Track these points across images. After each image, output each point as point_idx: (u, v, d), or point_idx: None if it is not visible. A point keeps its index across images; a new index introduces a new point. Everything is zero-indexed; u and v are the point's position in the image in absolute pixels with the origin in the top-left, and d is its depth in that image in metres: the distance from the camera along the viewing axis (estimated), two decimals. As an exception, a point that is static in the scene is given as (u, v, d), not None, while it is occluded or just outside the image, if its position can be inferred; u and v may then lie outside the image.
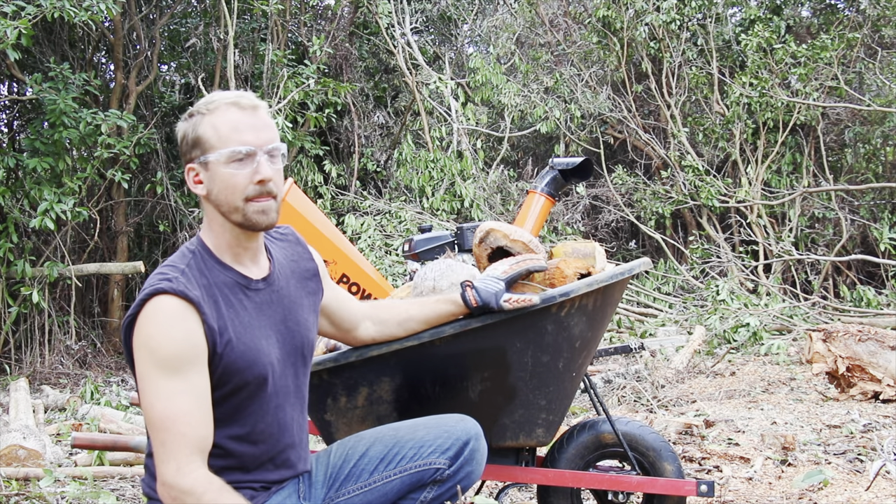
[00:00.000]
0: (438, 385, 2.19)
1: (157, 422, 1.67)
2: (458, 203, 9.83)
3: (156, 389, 1.67)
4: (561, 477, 2.35)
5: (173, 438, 1.66)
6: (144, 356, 1.68)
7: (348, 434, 2.22)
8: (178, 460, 1.65)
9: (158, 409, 1.67)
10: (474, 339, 2.14)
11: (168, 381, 1.66)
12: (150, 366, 1.67)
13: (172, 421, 1.66)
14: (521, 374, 2.20)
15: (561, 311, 2.18)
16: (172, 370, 1.66)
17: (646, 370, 5.85)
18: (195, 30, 10.27)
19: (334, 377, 2.18)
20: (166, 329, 1.67)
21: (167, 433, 1.66)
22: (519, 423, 2.24)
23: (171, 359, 1.66)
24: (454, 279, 2.35)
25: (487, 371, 2.18)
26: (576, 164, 3.59)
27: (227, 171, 1.76)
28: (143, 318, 1.69)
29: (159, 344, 1.67)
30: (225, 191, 1.77)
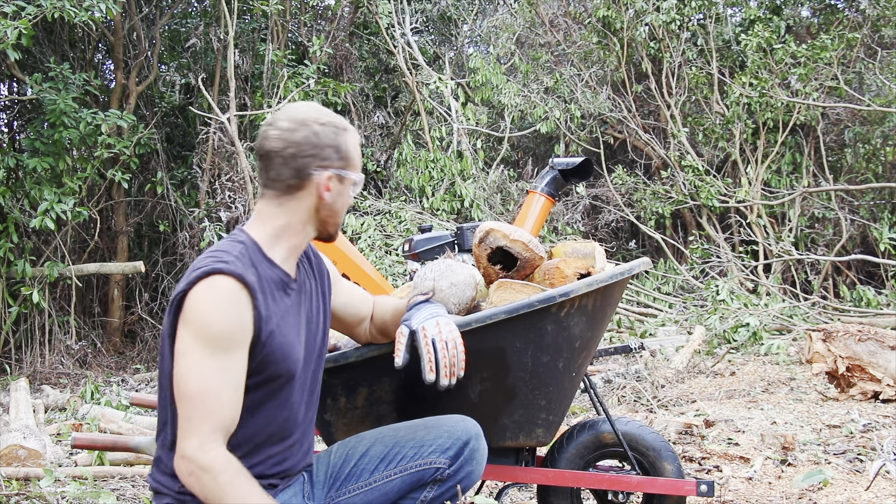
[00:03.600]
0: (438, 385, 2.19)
1: (190, 396, 1.67)
2: (458, 203, 9.83)
3: (196, 364, 1.68)
4: (561, 477, 2.35)
5: (201, 414, 1.67)
6: (192, 331, 1.69)
7: (348, 434, 2.22)
8: (202, 436, 1.66)
9: (193, 384, 1.68)
10: (473, 339, 2.14)
11: (210, 358, 1.68)
12: (197, 340, 1.68)
13: (205, 397, 1.67)
14: (521, 375, 2.20)
15: (561, 312, 2.18)
16: (218, 348, 1.68)
17: (646, 370, 5.85)
18: (195, 30, 10.27)
19: (334, 377, 2.18)
20: (221, 307, 1.69)
21: (196, 408, 1.67)
22: (519, 424, 2.24)
23: (219, 337, 1.68)
24: (454, 279, 2.35)
25: (487, 371, 2.18)
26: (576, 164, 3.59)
27: (350, 193, 1.89)
28: (198, 294, 1.70)
29: (211, 321, 1.68)
30: (341, 208, 1.89)
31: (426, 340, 1.93)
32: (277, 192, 1.83)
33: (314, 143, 1.82)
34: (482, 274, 2.52)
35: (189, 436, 1.67)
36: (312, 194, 1.83)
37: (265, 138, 1.83)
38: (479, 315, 2.15)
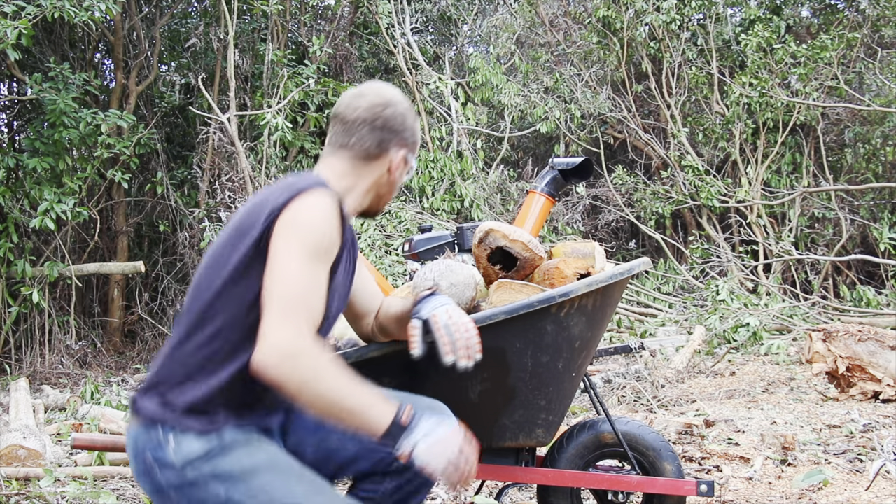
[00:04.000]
0: (438, 385, 2.19)
1: (288, 291, 1.69)
2: (458, 203, 9.83)
3: (297, 265, 1.72)
4: (561, 477, 2.35)
5: (300, 307, 1.69)
6: (295, 234, 1.73)
7: None
8: (300, 325, 1.67)
9: (293, 280, 1.70)
10: None
11: (309, 263, 1.73)
12: (299, 244, 1.73)
13: (305, 293, 1.71)
14: (521, 375, 2.19)
15: (560, 312, 2.18)
16: (315, 257, 1.74)
17: (646, 370, 5.85)
18: (195, 30, 10.27)
19: None
20: (325, 220, 1.76)
21: (295, 302, 1.69)
22: (519, 424, 2.24)
23: (318, 247, 1.75)
24: (454, 279, 2.35)
25: (487, 371, 2.18)
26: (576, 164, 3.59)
27: (405, 176, 2.03)
28: (305, 203, 1.76)
29: (315, 229, 1.75)
30: (397, 187, 2.03)
31: (438, 326, 1.94)
32: (354, 155, 1.94)
33: (400, 123, 1.96)
34: (482, 274, 2.52)
35: (285, 326, 1.67)
36: (384, 167, 1.96)
37: (354, 108, 1.94)
38: (478, 315, 2.15)
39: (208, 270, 1.84)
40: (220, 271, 1.80)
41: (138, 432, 1.78)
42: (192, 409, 1.76)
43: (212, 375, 1.77)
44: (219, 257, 1.82)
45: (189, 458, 1.73)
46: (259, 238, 1.76)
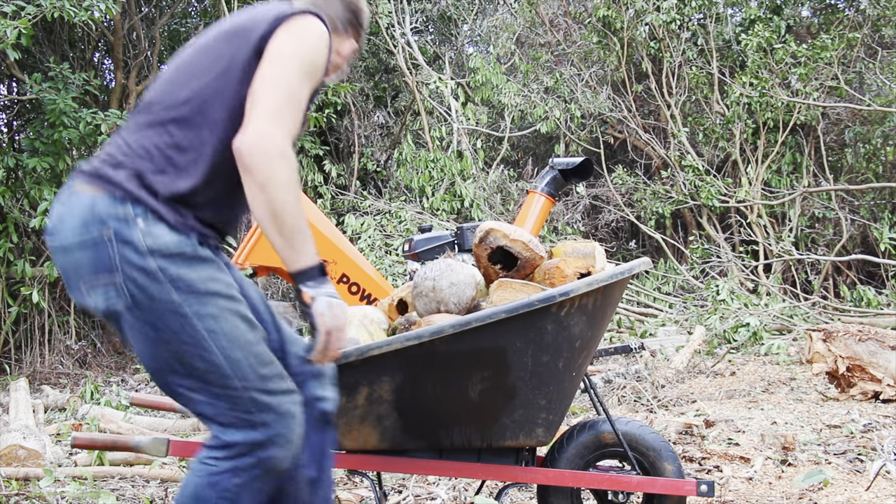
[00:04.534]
0: (438, 384, 2.19)
1: (283, 96, 1.76)
2: (458, 203, 9.83)
3: (295, 76, 1.78)
4: (561, 477, 2.35)
5: (290, 115, 1.75)
6: (298, 46, 1.81)
7: (349, 434, 2.22)
8: (286, 129, 1.73)
9: (288, 88, 1.77)
10: (474, 338, 2.14)
11: (302, 79, 1.79)
12: (298, 57, 1.80)
13: (297, 105, 1.78)
14: (521, 374, 2.20)
15: (561, 311, 2.18)
16: (308, 76, 1.81)
17: (646, 370, 5.85)
18: (195, 30, 10.27)
19: None
20: (323, 43, 1.85)
21: (287, 109, 1.75)
22: (519, 423, 2.24)
23: (313, 66, 1.83)
24: (454, 279, 2.35)
25: (487, 370, 2.18)
26: (576, 164, 3.60)
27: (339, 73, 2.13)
28: (309, 24, 1.85)
29: (314, 48, 1.83)
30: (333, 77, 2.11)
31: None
32: None
33: (363, 22, 2.12)
34: (482, 274, 2.52)
35: (277, 123, 1.72)
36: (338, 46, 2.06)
37: None
38: (479, 314, 2.15)
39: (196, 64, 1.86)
40: (213, 65, 1.83)
41: (100, 199, 1.74)
42: (172, 199, 1.76)
43: (199, 169, 1.78)
44: (211, 52, 1.85)
45: (158, 248, 1.72)
46: (260, 39, 1.81)
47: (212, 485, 1.76)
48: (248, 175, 1.69)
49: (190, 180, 1.77)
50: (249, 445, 1.76)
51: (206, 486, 1.76)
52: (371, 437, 2.23)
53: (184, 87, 1.83)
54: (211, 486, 1.76)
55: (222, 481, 1.76)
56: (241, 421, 1.76)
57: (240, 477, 1.77)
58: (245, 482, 1.77)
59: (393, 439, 2.23)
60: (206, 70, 1.83)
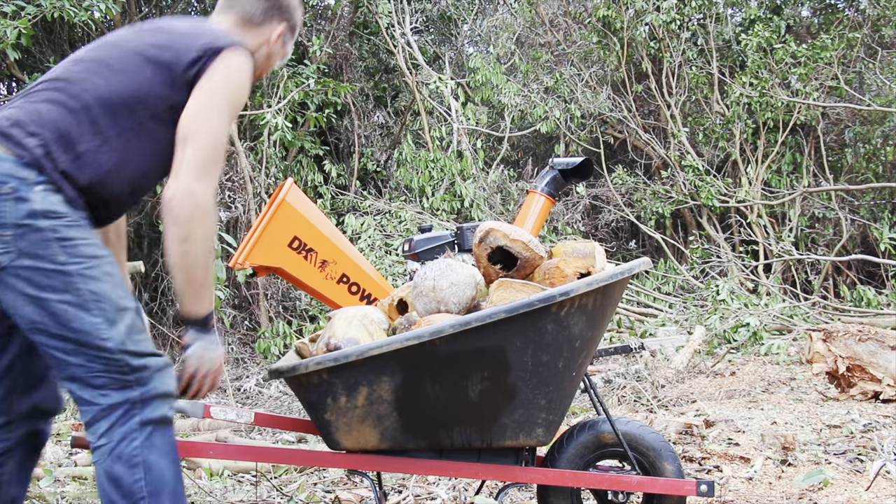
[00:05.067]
0: (438, 384, 2.19)
1: (213, 145, 1.88)
2: (458, 203, 9.83)
3: (224, 122, 1.92)
4: (561, 477, 2.35)
5: (216, 167, 1.89)
6: (227, 89, 1.93)
7: (348, 435, 2.22)
8: (213, 182, 1.88)
9: (217, 135, 1.89)
10: (474, 338, 2.14)
11: (227, 123, 1.93)
12: (228, 102, 1.93)
13: (220, 151, 1.90)
14: (521, 374, 2.20)
15: (561, 311, 2.18)
16: (231, 117, 1.95)
17: (646, 370, 5.85)
18: (195, 30, 10.26)
19: (334, 377, 2.18)
20: (243, 84, 1.97)
21: (215, 159, 1.89)
22: (519, 423, 2.24)
23: (236, 108, 1.96)
24: (454, 279, 2.35)
25: (487, 370, 2.18)
26: (576, 164, 3.59)
27: (282, 58, 2.22)
28: (238, 64, 1.96)
29: (241, 92, 1.96)
30: (272, 63, 2.19)
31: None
32: (239, 19, 2.12)
33: (285, 1, 2.17)
34: (482, 274, 2.52)
35: (206, 178, 1.86)
36: (264, 37, 2.14)
37: None
38: (479, 314, 2.15)
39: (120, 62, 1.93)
40: (136, 71, 1.91)
41: (6, 159, 1.81)
42: (71, 177, 1.84)
43: (101, 165, 1.87)
44: (136, 58, 1.92)
45: (51, 211, 1.79)
46: (186, 67, 1.90)
47: (116, 459, 1.80)
48: (173, 226, 1.83)
49: (89, 172, 1.87)
50: (129, 404, 1.81)
51: (113, 464, 1.79)
52: (371, 436, 2.23)
53: (104, 81, 1.91)
54: (116, 460, 1.80)
55: (123, 450, 1.80)
56: (115, 381, 1.81)
57: (135, 439, 1.81)
58: (143, 442, 1.81)
59: (393, 439, 2.23)
60: (130, 73, 1.91)
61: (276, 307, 8.76)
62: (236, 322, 8.71)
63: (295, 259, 3.40)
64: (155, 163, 1.96)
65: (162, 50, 1.93)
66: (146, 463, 1.80)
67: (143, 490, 1.79)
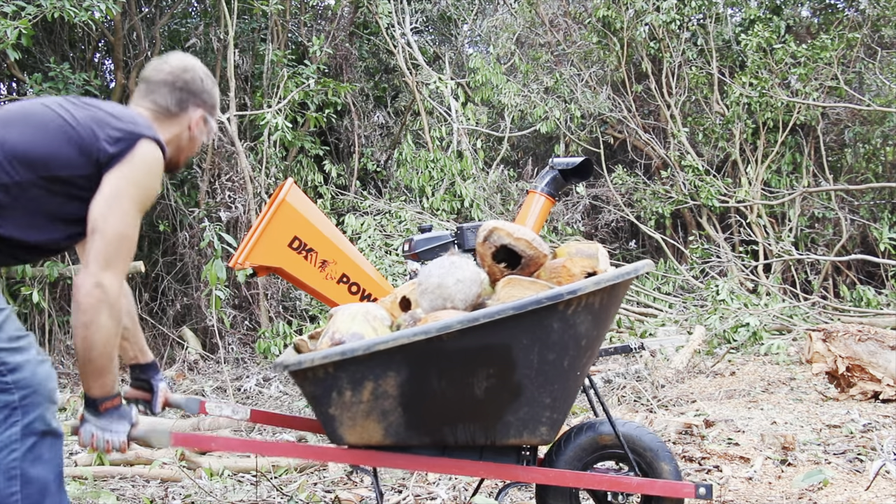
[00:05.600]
0: (444, 380, 2.19)
1: (119, 235, 1.94)
2: (458, 203, 9.83)
3: (129, 210, 1.96)
4: (562, 477, 2.35)
5: (126, 258, 1.95)
6: (134, 180, 1.97)
7: (352, 429, 2.21)
8: (120, 275, 1.94)
9: (124, 226, 1.94)
10: (481, 334, 2.14)
11: (137, 213, 1.99)
12: (138, 194, 1.98)
13: (129, 243, 1.96)
14: (527, 372, 2.20)
15: (568, 310, 2.19)
16: (142, 210, 2.00)
17: (646, 370, 5.85)
18: (195, 30, 10.26)
19: (340, 371, 2.17)
20: (155, 178, 2.03)
21: (124, 249, 1.95)
22: (523, 421, 2.24)
23: (146, 201, 2.01)
24: (460, 276, 2.36)
25: (493, 367, 2.18)
26: (576, 164, 3.60)
27: (207, 136, 2.30)
28: (148, 153, 2.00)
29: (148, 186, 2.01)
30: (196, 145, 2.27)
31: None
32: (156, 113, 2.19)
33: (199, 86, 2.24)
34: (486, 272, 2.52)
35: (113, 270, 1.92)
36: (184, 125, 2.22)
37: (158, 70, 2.24)
38: (487, 311, 2.15)
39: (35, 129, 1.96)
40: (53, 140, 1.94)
41: None
42: None
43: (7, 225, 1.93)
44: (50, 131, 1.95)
45: None
46: (98, 158, 1.95)
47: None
48: (77, 312, 1.90)
49: None
50: (9, 409, 1.85)
51: None
52: (375, 432, 2.22)
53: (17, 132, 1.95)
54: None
55: (1, 462, 1.81)
56: None
57: (15, 450, 1.83)
58: (24, 454, 1.84)
59: (397, 435, 2.23)
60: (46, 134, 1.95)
61: (276, 307, 8.76)
62: (236, 322, 8.71)
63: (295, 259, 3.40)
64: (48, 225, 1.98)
65: (82, 125, 1.98)
66: (25, 476, 1.81)
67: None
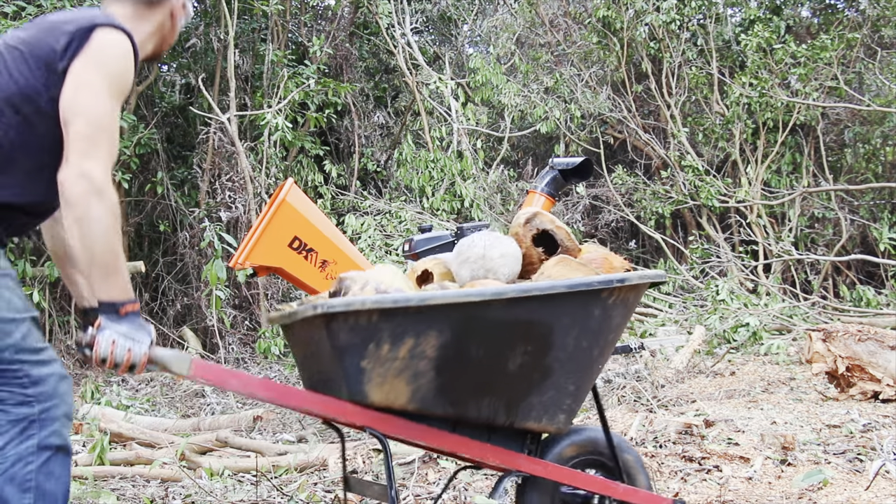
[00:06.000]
0: (483, 349, 2.16)
1: (98, 123, 1.81)
2: (458, 203, 9.83)
3: (104, 98, 1.84)
4: (560, 473, 2.35)
5: (109, 147, 1.83)
6: (103, 69, 1.85)
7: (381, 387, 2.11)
8: (107, 166, 1.82)
9: (101, 113, 1.82)
10: (529, 308, 2.15)
11: (112, 99, 1.86)
12: (106, 80, 1.85)
13: (110, 130, 1.83)
14: (561, 355, 2.22)
15: (610, 298, 2.23)
16: (117, 95, 1.87)
17: (646, 370, 5.85)
18: (195, 30, 10.27)
19: (384, 321, 2.08)
20: (128, 59, 1.90)
21: (104, 137, 1.82)
22: (546, 405, 2.25)
23: (121, 86, 1.88)
24: (504, 250, 2.38)
25: (531, 344, 2.19)
26: (576, 164, 3.60)
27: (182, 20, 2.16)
28: (110, 38, 1.88)
29: (120, 68, 1.88)
30: (175, 35, 2.16)
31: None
32: (137, 4, 2.05)
33: None
34: (524, 254, 2.52)
35: (95, 157, 1.79)
36: (166, 12, 2.10)
37: None
38: (540, 284, 2.17)
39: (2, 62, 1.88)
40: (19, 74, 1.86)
41: None
42: None
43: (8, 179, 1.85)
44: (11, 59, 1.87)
45: None
46: (60, 54, 1.84)
47: (8, 480, 1.77)
48: (68, 209, 1.78)
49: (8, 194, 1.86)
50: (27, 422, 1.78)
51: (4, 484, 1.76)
52: (402, 394, 2.14)
53: None
54: (8, 482, 1.77)
55: (16, 472, 1.76)
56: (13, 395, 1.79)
57: (31, 463, 1.78)
58: (40, 467, 1.78)
59: (423, 401, 2.15)
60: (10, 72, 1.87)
61: (276, 307, 8.77)
62: (236, 322, 8.72)
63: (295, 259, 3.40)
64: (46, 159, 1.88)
65: (35, 42, 1.89)
66: (39, 489, 1.78)
67: None
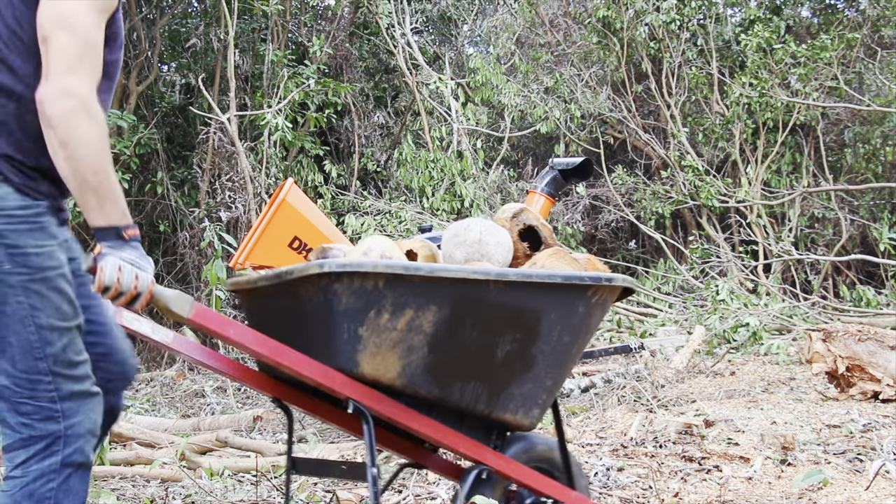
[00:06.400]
0: (476, 332, 2.17)
1: (81, 35, 1.66)
2: (458, 203, 9.83)
3: (87, 11, 1.68)
4: (520, 472, 2.33)
5: (92, 63, 1.67)
6: None
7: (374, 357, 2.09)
8: (90, 77, 1.67)
9: (82, 26, 1.66)
10: (524, 294, 2.17)
11: (94, 14, 1.69)
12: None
13: (95, 49, 1.68)
14: (545, 347, 2.24)
15: (594, 297, 2.25)
16: (102, 10, 1.70)
17: (646, 370, 5.86)
18: (195, 30, 10.27)
19: (389, 288, 2.06)
20: None
21: (88, 51, 1.67)
22: (524, 397, 2.26)
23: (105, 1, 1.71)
24: (500, 239, 2.40)
25: (520, 333, 2.21)
26: (576, 164, 3.59)
27: None
28: None
29: None
30: None
31: None
32: None
33: None
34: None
35: (78, 71, 1.64)
36: None
37: None
38: (539, 271, 2.19)
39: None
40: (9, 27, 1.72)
41: None
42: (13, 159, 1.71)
43: None
44: None
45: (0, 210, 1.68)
46: None
47: (27, 496, 1.72)
48: (50, 130, 1.64)
49: None
50: (52, 438, 1.72)
51: (23, 499, 1.72)
52: (392, 367, 2.12)
53: None
54: (27, 497, 1.72)
55: (36, 489, 1.72)
56: (41, 410, 1.71)
57: (52, 480, 1.73)
58: (60, 485, 1.74)
59: (411, 377, 2.14)
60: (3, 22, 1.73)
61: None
62: (236, 322, 8.71)
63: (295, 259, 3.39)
64: None
65: None
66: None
67: None
